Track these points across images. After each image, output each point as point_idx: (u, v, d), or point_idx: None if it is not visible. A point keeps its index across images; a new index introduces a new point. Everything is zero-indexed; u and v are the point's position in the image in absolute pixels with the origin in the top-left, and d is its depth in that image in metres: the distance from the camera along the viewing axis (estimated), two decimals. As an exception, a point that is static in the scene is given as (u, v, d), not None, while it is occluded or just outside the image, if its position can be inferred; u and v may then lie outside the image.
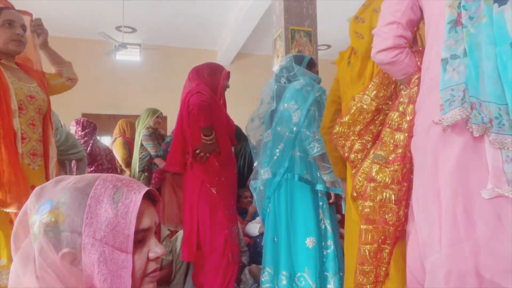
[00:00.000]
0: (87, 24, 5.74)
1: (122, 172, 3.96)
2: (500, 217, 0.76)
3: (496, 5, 0.75)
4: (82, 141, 3.44)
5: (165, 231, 2.63)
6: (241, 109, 4.23)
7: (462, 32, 0.79)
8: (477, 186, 0.78)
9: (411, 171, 1.04)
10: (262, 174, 2.11)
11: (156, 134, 3.63)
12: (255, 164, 2.29)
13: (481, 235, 0.77)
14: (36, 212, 0.66)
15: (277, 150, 2.07)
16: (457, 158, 0.79)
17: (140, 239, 0.69)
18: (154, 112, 3.69)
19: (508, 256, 0.74)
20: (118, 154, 3.87)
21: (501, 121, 0.74)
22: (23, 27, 1.71)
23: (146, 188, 0.71)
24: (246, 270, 2.61)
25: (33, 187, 1.59)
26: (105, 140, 6.92)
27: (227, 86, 2.33)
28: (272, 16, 3.72)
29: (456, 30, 0.80)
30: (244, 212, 3.51)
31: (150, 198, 0.75)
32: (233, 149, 2.39)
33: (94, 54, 6.21)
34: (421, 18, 1.04)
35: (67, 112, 5.26)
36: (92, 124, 3.62)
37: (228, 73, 2.31)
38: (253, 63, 6.91)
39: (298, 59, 2.28)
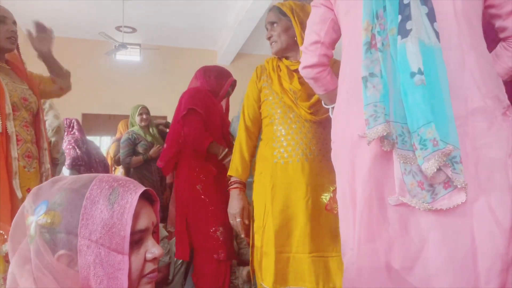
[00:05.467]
0: (87, 24, 5.75)
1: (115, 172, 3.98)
2: (404, 221, 0.87)
3: (399, 37, 0.85)
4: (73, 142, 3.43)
5: (163, 233, 2.62)
6: (240, 109, 4.23)
7: (377, 53, 0.89)
8: (387, 192, 0.89)
9: None
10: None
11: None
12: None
13: (390, 235, 0.87)
14: (32, 213, 0.66)
15: None
16: (370, 166, 0.90)
17: (137, 240, 0.68)
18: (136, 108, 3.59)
19: (409, 255, 0.85)
20: (109, 154, 3.91)
21: (404, 139, 0.85)
22: (15, 23, 1.67)
23: (143, 188, 0.70)
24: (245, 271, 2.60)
25: (28, 190, 1.57)
26: (105, 140, 6.92)
27: (230, 93, 2.35)
28: (272, 16, 3.70)
29: (371, 51, 0.90)
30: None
31: (147, 198, 0.74)
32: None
33: (94, 54, 6.21)
34: (340, 35, 1.14)
35: (67, 112, 5.24)
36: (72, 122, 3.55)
37: (234, 81, 2.33)
38: (253, 63, 6.85)
39: None
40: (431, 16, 0.86)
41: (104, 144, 6.89)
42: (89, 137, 6.73)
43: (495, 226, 0.81)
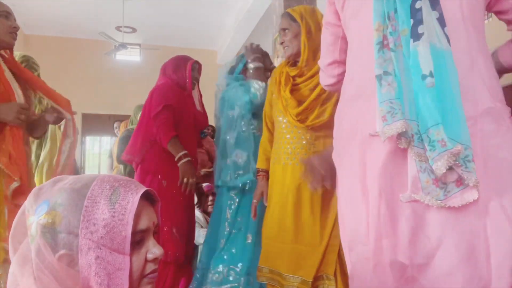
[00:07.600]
0: (87, 24, 5.75)
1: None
2: (419, 218, 0.88)
3: (411, 40, 0.89)
4: None
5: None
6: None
7: (389, 53, 0.92)
8: (398, 189, 0.90)
9: None
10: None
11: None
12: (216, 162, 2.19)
13: (402, 231, 0.89)
14: (33, 213, 0.66)
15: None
16: (383, 163, 0.92)
17: (138, 240, 0.68)
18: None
19: (425, 253, 0.87)
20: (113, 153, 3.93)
21: (420, 137, 0.87)
22: (15, 21, 1.71)
23: (144, 189, 0.70)
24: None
25: None
26: (105, 140, 6.93)
27: (196, 79, 2.19)
28: (272, 16, 3.71)
29: (384, 51, 0.92)
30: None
31: (148, 198, 0.74)
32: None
33: (94, 54, 6.21)
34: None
35: (67, 112, 5.26)
36: None
37: (194, 63, 2.15)
38: (253, 63, 6.90)
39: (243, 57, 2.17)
40: (441, 21, 0.89)
41: (104, 144, 6.89)
42: (89, 137, 6.75)
43: (508, 225, 0.83)
